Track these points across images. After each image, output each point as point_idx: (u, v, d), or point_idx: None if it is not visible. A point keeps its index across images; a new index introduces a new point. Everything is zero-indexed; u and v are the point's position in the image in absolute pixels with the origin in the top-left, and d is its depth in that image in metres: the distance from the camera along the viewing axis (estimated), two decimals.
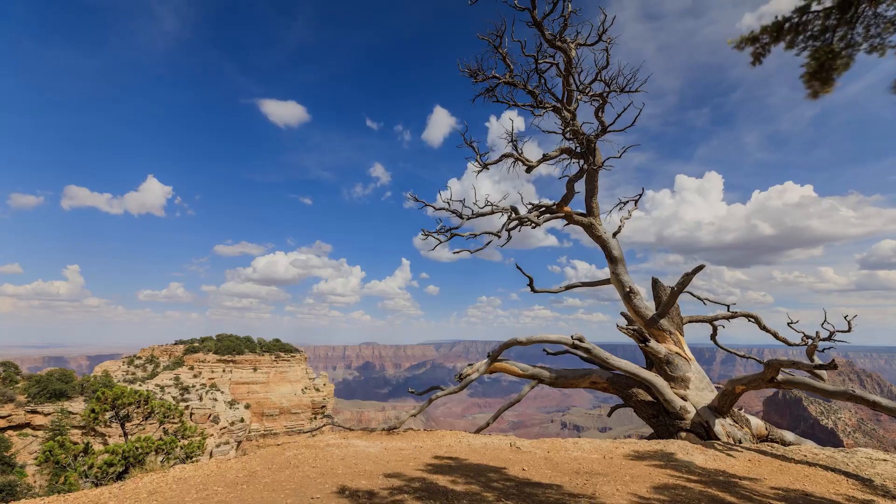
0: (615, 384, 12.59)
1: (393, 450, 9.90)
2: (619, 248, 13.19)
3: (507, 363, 13.86)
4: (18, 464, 57.27)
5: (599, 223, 13.40)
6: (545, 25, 12.31)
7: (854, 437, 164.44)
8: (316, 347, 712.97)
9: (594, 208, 13.39)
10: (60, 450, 11.65)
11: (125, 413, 12.92)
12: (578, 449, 9.34)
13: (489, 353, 13.96)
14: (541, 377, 13.89)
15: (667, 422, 11.14)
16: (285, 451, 9.18)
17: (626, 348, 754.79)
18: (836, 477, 7.76)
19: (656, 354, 11.87)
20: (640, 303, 12.63)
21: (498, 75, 13.37)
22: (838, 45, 4.83)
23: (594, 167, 12.17)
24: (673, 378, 11.63)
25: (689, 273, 11.34)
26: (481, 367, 13.09)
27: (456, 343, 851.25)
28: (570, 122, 12.14)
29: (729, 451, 9.09)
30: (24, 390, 66.55)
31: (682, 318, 13.07)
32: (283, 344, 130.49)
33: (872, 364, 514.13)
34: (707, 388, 11.52)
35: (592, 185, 12.96)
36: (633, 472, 7.70)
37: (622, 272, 12.98)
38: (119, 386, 12.81)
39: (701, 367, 13.09)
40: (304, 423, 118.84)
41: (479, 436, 12.81)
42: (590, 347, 11.79)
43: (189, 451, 12.67)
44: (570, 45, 12.68)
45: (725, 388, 10.33)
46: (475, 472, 7.81)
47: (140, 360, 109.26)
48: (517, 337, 12.61)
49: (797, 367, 8.59)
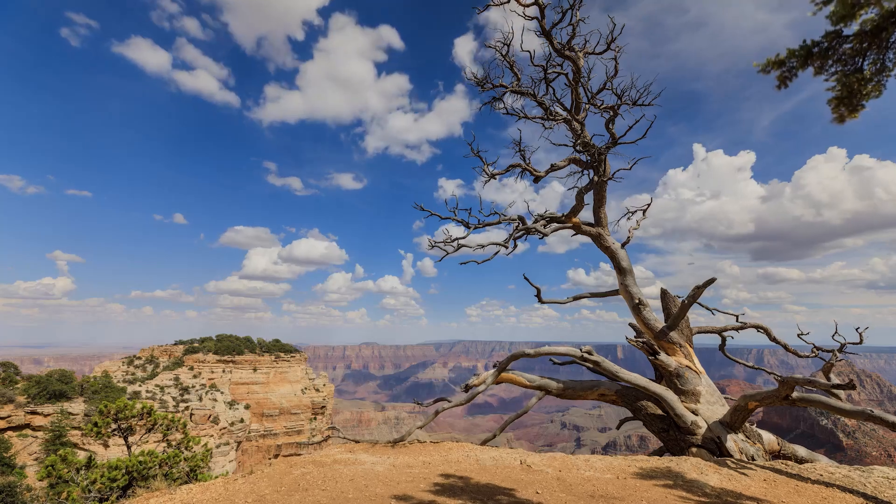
0: (624, 397, 12.46)
1: (401, 467, 9.76)
2: (628, 258, 13.06)
3: (513, 374, 13.73)
4: (18, 465, 57.16)
5: (608, 233, 13.27)
6: (553, 35, 12.18)
7: (854, 438, 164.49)
8: (315, 347, 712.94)
9: (602, 218, 13.26)
10: (63, 464, 11.50)
11: (128, 426, 12.78)
12: (590, 468, 9.20)
13: (496, 363, 13.83)
14: (548, 388, 13.76)
15: (677, 437, 11.01)
16: (293, 470, 9.03)
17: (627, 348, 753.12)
18: (854, 500, 7.63)
19: (666, 368, 11.75)
20: (650, 315, 12.50)
21: (505, 84, 13.24)
22: (870, 70, 4.69)
23: (604, 179, 12.04)
24: (683, 392, 11.50)
25: (700, 286, 11.21)
26: (488, 378, 12.96)
27: (456, 343, 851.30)
28: (581, 134, 12.02)
29: (743, 470, 8.96)
30: (24, 391, 66.40)
31: (691, 329, 12.95)
32: (282, 344, 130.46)
33: (872, 364, 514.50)
34: (718, 402, 11.39)
35: (601, 195, 12.82)
36: (649, 495, 7.56)
37: (631, 283, 12.84)
38: (121, 399, 12.67)
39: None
40: (303, 424, 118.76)
41: (487, 449, 12.68)
42: (599, 360, 11.66)
43: (193, 464, 12.54)
44: (579, 53, 12.54)
45: (738, 403, 10.21)
46: (485, 495, 7.67)
47: (140, 360, 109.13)
48: (525, 348, 12.48)
49: (813, 386, 8.46)
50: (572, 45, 12.56)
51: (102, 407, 12.35)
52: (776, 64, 5.10)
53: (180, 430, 13.69)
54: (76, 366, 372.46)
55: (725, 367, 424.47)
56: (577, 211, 12.93)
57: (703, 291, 11.27)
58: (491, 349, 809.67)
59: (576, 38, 12.50)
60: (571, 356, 12.08)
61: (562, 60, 12.72)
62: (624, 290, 12.97)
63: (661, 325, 12.31)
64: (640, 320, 12.64)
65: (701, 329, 13.56)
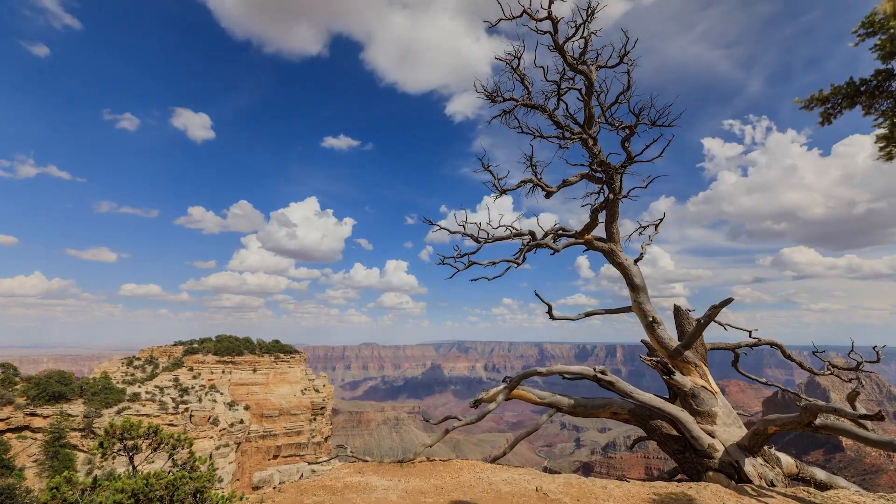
0: (637, 416, 12.28)
1: (414, 494, 9.57)
2: (641, 275, 12.87)
3: (523, 390, 13.56)
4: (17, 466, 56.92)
5: (620, 249, 13.08)
6: (566, 49, 11.98)
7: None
8: (315, 348, 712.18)
9: (615, 234, 13.07)
10: (68, 486, 11.29)
11: (133, 444, 12.55)
12: (608, 495, 9.01)
13: (506, 378, 13.66)
14: (559, 405, 13.58)
15: (693, 459, 10.83)
16: (304, 499, 8.84)
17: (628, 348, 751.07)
18: None
19: (682, 388, 11.56)
20: (664, 333, 12.31)
21: (516, 98, 13.03)
22: None
23: (619, 197, 11.85)
24: (699, 413, 11.32)
25: (717, 305, 11.02)
26: (499, 396, 12.78)
27: (456, 344, 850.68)
28: (596, 152, 11.81)
29: (764, 498, 8.77)
30: (23, 392, 66.05)
31: (705, 346, 12.76)
32: (282, 345, 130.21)
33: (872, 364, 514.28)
34: (735, 424, 11.22)
35: (613, 210, 12.63)
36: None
37: (644, 301, 12.66)
38: (127, 418, 12.43)
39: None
40: (303, 425, 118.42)
41: (498, 469, 12.48)
42: (613, 380, 11.48)
43: (199, 484, 12.33)
44: (591, 67, 12.35)
45: (757, 427, 10.02)
46: None
47: (139, 361, 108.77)
48: (537, 367, 12.31)
49: (838, 415, 8.28)
50: (585, 59, 12.36)
51: (108, 427, 12.14)
52: (820, 101, 4.92)
53: (186, 447, 13.48)
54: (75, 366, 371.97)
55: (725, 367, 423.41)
56: (591, 228, 12.74)
57: (720, 311, 11.08)
58: (491, 349, 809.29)
59: (588, 52, 12.31)
60: (584, 375, 11.89)
61: (574, 74, 12.52)
62: (637, 308, 12.79)
63: (676, 344, 12.13)
64: (654, 339, 12.45)
65: (714, 346, 13.37)
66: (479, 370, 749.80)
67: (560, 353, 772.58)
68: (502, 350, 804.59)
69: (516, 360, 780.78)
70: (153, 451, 13.17)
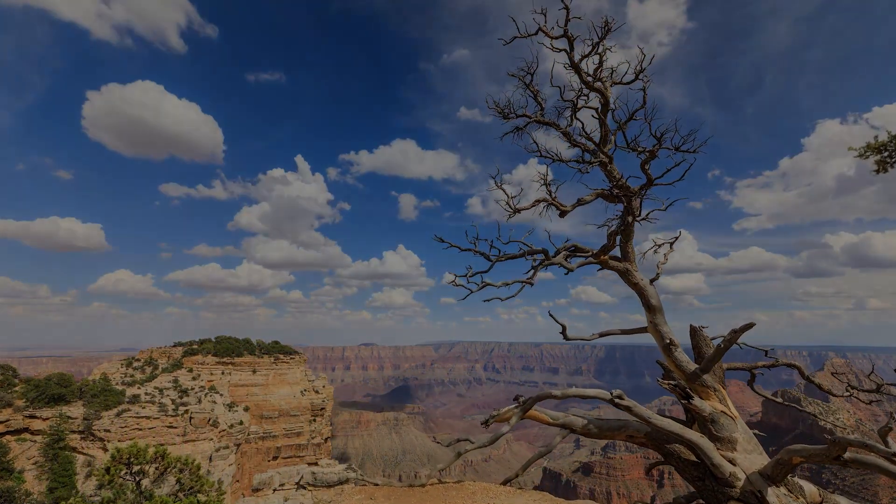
0: (654, 440, 12.06)
1: None
2: (658, 295, 12.64)
3: (536, 411, 13.36)
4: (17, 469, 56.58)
5: (636, 269, 12.84)
6: (581, 67, 11.74)
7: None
8: (315, 348, 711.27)
9: (630, 253, 12.84)
10: None
11: (140, 470, 12.32)
12: None
13: (517, 396, 13.43)
14: (572, 426, 13.37)
15: (714, 487, 10.61)
16: None
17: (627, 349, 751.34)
18: None
19: (700, 413, 11.33)
20: (682, 356, 12.08)
21: (529, 114, 12.79)
22: None
23: (637, 220, 11.63)
24: (719, 438, 11.10)
25: (737, 330, 10.79)
26: (513, 418, 12.56)
27: (456, 344, 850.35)
28: (619, 179, 11.57)
29: None
30: (23, 394, 65.65)
31: (722, 368, 12.53)
32: (282, 346, 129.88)
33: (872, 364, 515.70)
34: (756, 451, 10.99)
35: (629, 230, 12.40)
36: None
37: (661, 322, 12.43)
38: (134, 443, 12.20)
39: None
40: (303, 426, 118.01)
41: (512, 493, 12.29)
42: (631, 405, 11.24)
43: None
44: (607, 85, 12.12)
45: (781, 457, 9.80)
46: None
47: (139, 362, 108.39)
48: (552, 390, 12.10)
49: (869, 451, 8.06)
50: (600, 76, 12.13)
51: (114, 451, 11.90)
52: (876, 149, 4.71)
53: (193, 471, 13.26)
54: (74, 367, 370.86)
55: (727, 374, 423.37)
56: (608, 250, 12.52)
57: (741, 336, 10.85)
58: (490, 349, 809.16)
59: (603, 69, 12.08)
60: (601, 399, 11.66)
61: (589, 92, 12.29)
62: (653, 329, 12.56)
63: (694, 368, 11.90)
64: (671, 361, 12.23)
65: (731, 366, 13.15)
66: (478, 371, 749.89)
67: (560, 353, 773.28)
68: (502, 350, 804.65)
69: (516, 360, 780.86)
70: (160, 476, 12.93)
